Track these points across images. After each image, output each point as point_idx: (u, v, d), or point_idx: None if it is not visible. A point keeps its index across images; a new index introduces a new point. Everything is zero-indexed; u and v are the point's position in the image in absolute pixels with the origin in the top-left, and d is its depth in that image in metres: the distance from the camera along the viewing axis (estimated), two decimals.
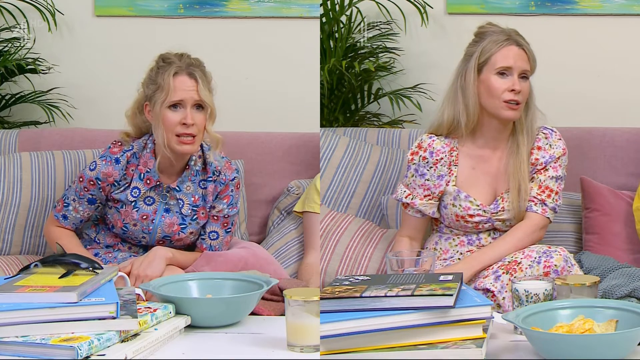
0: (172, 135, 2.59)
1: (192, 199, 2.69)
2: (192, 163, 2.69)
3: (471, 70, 2.58)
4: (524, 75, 2.58)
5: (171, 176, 2.69)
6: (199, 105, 2.60)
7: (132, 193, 2.65)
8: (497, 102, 2.56)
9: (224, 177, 2.71)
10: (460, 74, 2.62)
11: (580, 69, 3.52)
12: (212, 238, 2.73)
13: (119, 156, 2.65)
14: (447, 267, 2.60)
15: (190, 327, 2.10)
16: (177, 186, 2.67)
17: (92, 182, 2.65)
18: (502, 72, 2.56)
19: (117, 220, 2.68)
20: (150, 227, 2.67)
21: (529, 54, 2.59)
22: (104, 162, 2.65)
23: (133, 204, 2.65)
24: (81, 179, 2.66)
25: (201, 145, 2.69)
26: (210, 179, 2.71)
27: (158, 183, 2.66)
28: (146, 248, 2.72)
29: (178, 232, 2.69)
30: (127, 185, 2.66)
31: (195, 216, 2.70)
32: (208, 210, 2.72)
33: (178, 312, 2.10)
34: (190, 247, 2.77)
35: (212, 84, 2.66)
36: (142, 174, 2.66)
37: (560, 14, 3.52)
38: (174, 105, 2.59)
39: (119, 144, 2.69)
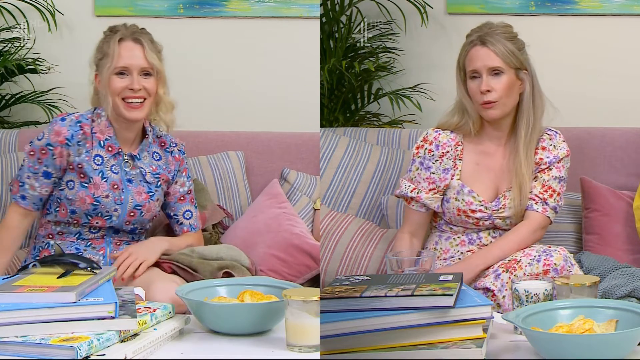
0: (119, 101, 2.56)
1: (151, 167, 2.66)
2: (150, 132, 2.67)
3: (459, 81, 2.60)
4: (497, 72, 2.55)
5: (129, 145, 2.65)
6: (147, 72, 2.58)
7: (95, 161, 2.58)
8: (477, 106, 2.57)
9: (181, 147, 2.74)
10: (457, 83, 2.63)
11: (580, 69, 3.52)
12: (187, 217, 2.74)
13: (65, 117, 2.59)
14: (447, 267, 2.60)
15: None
16: (138, 154, 2.64)
17: (43, 151, 2.54)
18: (474, 76, 2.56)
19: (86, 197, 2.56)
20: (122, 197, 2.60)
21: (497, 49, 2.53)
22: (49, 128, 2.57)
23: (100, 174, 2.58)
24: (32, 153, 2.55)
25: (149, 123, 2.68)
26: (169, 149, 2.71)
27: (119, 151, 2.61)
28: (97, 230, 2.62)
29: (148, 200, 2.64)
30: (88, 151, 2.58)
31: (159, 183, 2.68)
32: (171, 183, 2.71)
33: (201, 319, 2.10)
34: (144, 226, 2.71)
35: (163, 54, 2.63)
36: (101, 142, 2.60)
37: (560, 14, 3.52)
38: (121, 72, 2.56)
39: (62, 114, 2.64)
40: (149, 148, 2.67)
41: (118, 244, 2.66)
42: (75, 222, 2.61)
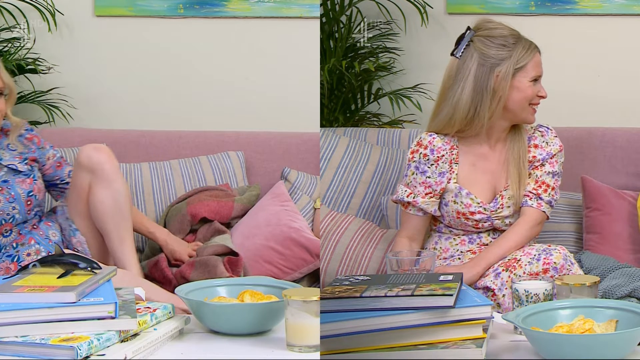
0: None
1: (17, 158, 2.67)
2: None
3: (508, 75, 2.56)
4: None
5: None
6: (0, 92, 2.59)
7: None
8: (527, 107, 2.58)
9: (26, 126, 2.73)
10: (488, 75, 2.56)
11: (580, 68, 3.52)
12: (71, 176, 2.76)
13: None
14: (447, 267, 2.60)
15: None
16: None
17: None
18: (535, 79, 2.58)
19: None
20: (12, 193, 2.62)
21: None
22: None
23: None
24: None
25: None
26: (19, 134, 2.70)
27: None
28: (9, 232, 2.65)
29: (33, 182, 2.66)
30: None
31: (32, 165, 2.69)
32: (40, 162, 2.72)
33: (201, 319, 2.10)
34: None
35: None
36: None
37: (560, 14, 3.52)
38: None
39: None
40: (1, 144, 2.67)
41: (35, 227, 2.68)
42: None
